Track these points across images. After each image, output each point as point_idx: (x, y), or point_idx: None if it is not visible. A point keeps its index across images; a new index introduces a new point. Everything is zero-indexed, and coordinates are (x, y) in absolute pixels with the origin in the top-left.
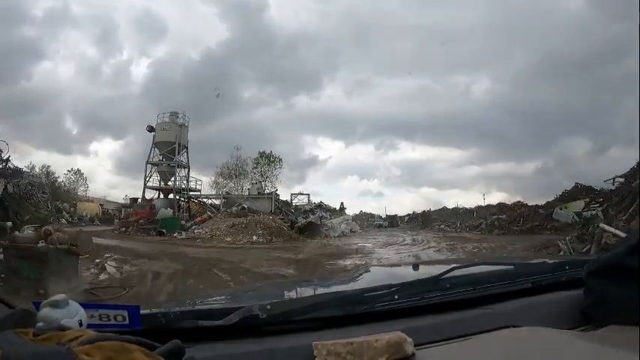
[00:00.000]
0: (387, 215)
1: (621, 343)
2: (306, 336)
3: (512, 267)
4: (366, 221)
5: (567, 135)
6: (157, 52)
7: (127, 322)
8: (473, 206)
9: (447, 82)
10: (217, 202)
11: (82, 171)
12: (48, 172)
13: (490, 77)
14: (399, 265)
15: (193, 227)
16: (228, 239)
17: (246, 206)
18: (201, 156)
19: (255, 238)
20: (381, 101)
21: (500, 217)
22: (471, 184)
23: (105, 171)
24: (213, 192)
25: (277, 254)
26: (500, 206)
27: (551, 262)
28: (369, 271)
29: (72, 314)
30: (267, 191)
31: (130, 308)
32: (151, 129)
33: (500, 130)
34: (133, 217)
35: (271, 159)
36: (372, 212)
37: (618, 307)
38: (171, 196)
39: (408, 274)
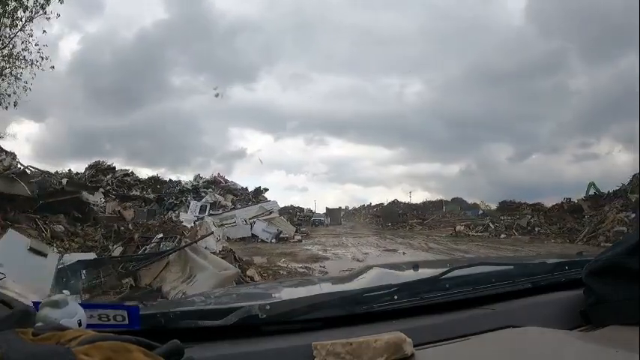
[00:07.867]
0: (327, 209)
1: (621, 343)
2: (306, 336)
3: (512, 267)
4: (294, 217)
5: (492, 141)
6: (90, 27)
7: (126, 322)
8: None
9: (380, 83)
10: None
11: None
12: None
13: (422, 81)
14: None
15: None
16: None
17: None
18: (127, 144)
19: None
20: (315, 97)
21: None
22: (396, 182)
23: (22, 157)
24: None
25: None
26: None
27: (551, 262)
28: (369, 271)
29: (71, 314)
30: None
31: (129, 308)
32: None
33: (428, 132)
34: None
35: None
36: (301, 206)
37: (618, 307)
38: None
39: (407, 274)
